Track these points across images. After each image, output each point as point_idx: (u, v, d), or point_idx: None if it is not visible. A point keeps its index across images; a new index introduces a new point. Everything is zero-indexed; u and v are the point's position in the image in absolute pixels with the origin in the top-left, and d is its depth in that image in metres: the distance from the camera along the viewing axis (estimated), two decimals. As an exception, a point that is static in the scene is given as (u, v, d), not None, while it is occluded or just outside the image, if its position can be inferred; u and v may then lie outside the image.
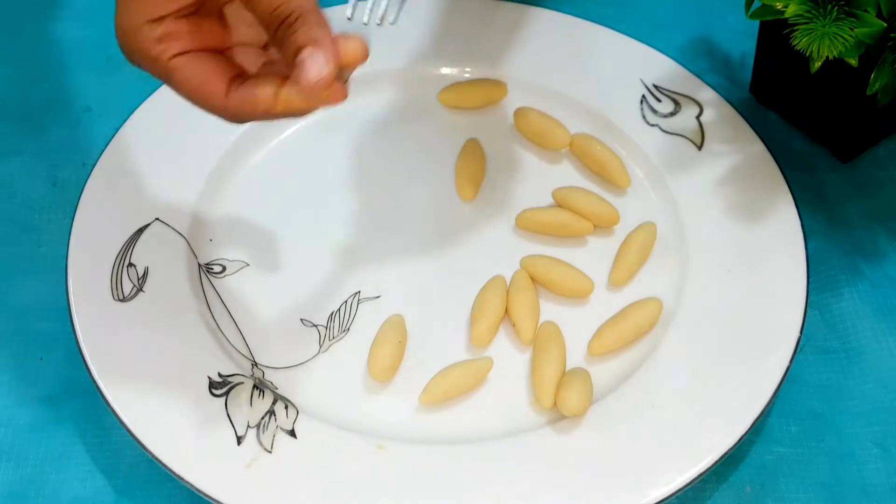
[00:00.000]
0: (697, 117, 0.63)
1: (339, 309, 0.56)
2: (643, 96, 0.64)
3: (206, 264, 0.57)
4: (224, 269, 0.58)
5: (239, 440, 0.50)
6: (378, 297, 0.57)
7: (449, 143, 0.63)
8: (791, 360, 0.52)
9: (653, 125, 0.63)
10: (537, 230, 0.59)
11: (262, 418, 0.51)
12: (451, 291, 0.57)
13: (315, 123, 0.64)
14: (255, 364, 0.54)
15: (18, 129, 0.66)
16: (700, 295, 0.55)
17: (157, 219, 0.58)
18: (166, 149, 0.61)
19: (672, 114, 0.63)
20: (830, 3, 0.52)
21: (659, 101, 0.64)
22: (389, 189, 0.61)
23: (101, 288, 0.54)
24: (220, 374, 0.52)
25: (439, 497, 0.48)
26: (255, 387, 0.52)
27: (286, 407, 0.51)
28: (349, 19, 0.49)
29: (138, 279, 0.55)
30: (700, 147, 0.62)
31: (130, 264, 0.56)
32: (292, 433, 0.50)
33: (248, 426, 0.50)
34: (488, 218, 0.60)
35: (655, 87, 0.64)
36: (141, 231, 0.57)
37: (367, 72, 0.64)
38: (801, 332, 0.53)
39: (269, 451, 0.49)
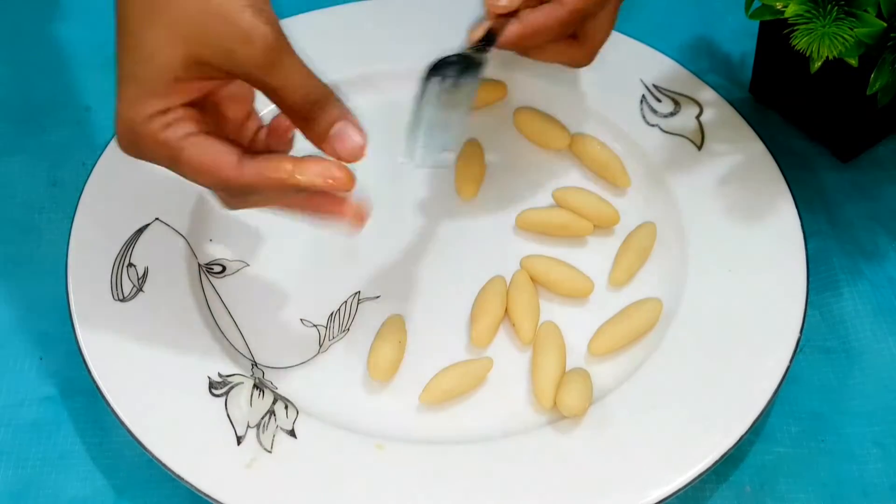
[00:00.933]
0: (697, 117, 0.63)
1: (339, 309, 0.56)
2: (643, 96, 0.64)
3: (206, 264, 0.57)
4: (224, 269, 0.58)
5: (239, 440, 0.50)
6: (378, 297, 0.57)
7: (449, 143, 0.63)
8: (791, 360, 0.52)
9: (653, 125, 0.63)
10: (537, 230, 0.59)
11: (262, 418, 0.51)
12: (451, 291, 0.57)
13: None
14: (255, 364, 0.54)
15: (18, 129, 0.66)
16: (700, 295, 0.55)
17: (157, 219, 0.58)
18: (166, 149, 0.61)
19: (672, 114, 0.63)
20: (830, 3, 0.52)
21: (659, 101, 0.64)
22: (390, 189, 0.61)
23: (101, 288, 0.54)
24: (220, 374, 0.52)
25: (439, 497, 0.48)
26: (255, 387, 0.52)
27: (286, 407, 0.51)
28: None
29: (138, 279, 0.55)
30: (700, 147, 0.62)
31: (130, 264, 0.56)
32: (292, 433, 0.50)
33: (248, 426, 0.50)
34: (488, 218, 0.60)
35: (655, 87, 0.64)
36: (141, 231, 0.57)
37: (367, 72, 0.65)
38: (801, 332, 0.53)
39: (269, 451, 0.49)
